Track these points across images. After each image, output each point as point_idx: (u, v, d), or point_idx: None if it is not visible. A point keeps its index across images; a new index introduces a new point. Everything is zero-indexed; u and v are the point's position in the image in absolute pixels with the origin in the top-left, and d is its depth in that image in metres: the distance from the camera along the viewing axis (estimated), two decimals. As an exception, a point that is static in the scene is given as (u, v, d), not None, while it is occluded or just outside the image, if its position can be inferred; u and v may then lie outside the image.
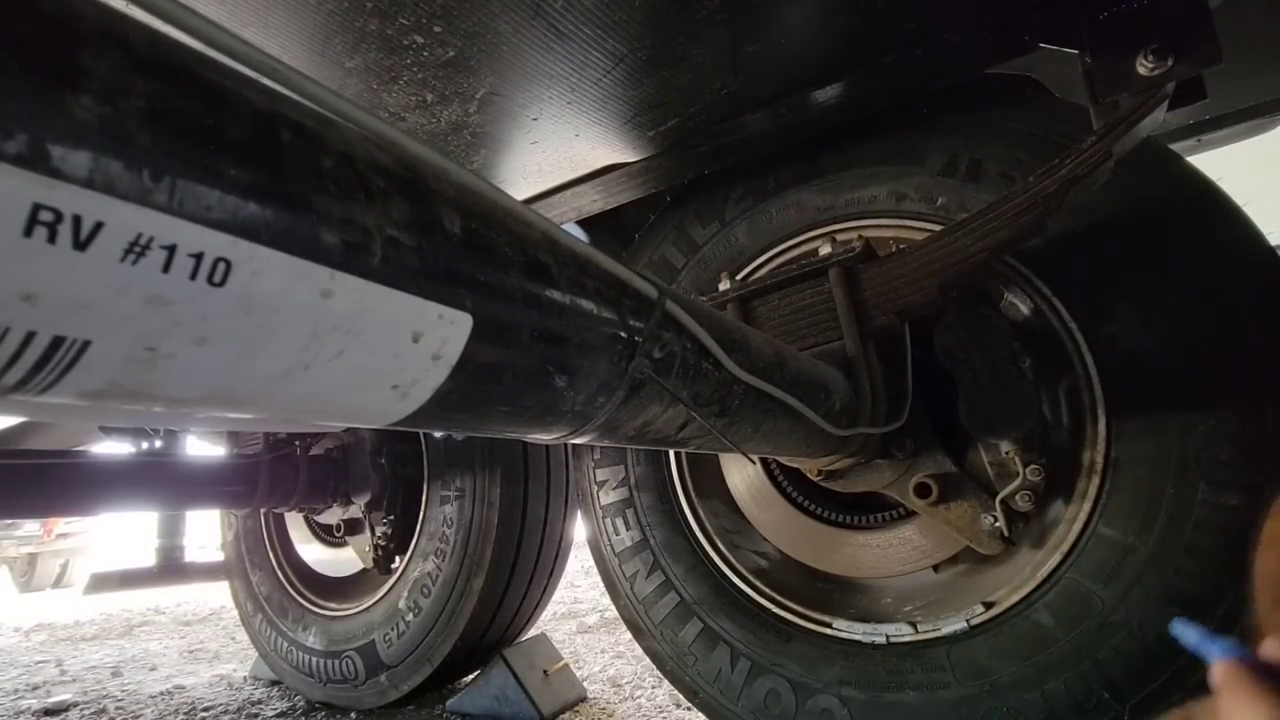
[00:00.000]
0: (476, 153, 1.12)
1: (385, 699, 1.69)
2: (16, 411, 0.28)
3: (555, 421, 0.45)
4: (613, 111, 1.02)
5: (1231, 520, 0.81)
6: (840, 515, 1.15)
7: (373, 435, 1.83)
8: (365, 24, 0.80)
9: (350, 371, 0.31)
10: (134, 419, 0.30)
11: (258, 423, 0.35)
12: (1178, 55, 0.74)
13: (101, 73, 0.21)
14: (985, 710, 0.91)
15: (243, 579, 2.10)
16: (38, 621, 4.12)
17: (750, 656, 1.12)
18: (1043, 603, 0.90)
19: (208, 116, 0.23)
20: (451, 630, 1.61)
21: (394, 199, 0.30)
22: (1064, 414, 0.94)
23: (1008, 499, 0.92)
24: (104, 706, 1.96)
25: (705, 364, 0.55)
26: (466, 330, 0.34)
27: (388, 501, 1.79)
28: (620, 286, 0.46)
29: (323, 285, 0.27)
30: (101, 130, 0.20)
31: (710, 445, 0.66)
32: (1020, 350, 0.92)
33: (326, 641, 1.82)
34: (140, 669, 2.49)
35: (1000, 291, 0.99)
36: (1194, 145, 1.51)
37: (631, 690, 1.70)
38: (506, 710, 1.55)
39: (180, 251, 0.23)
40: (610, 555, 1.31)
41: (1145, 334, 0.87)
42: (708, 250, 1.26)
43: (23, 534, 6.90)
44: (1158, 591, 0.83)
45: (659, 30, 0.84)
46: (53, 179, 0.19)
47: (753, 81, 0.99)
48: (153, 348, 0.24)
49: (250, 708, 1.83)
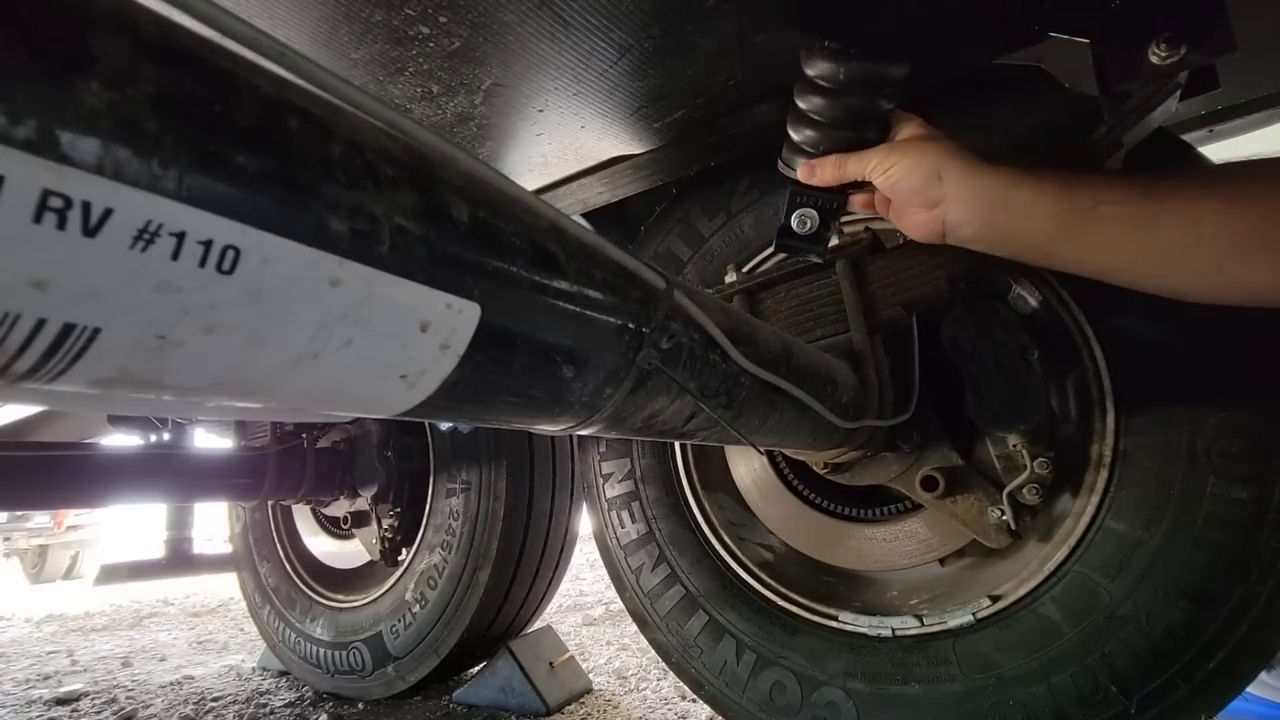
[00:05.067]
0: (482, 145, 1.11)
1: (392, 690, 1.70)
2: (27, 399, 0.28)
3: (562, 412, 0.45)
4: (619, 103, 1.02)
5: (1241, 513, 0.80)
6: (846, 508, 1.14)
7: (379, 428, 1.84)
8: (371, 14, 0.79)
9: (358, 361, 0.31)
10: (143, 407, 0.31)
11: (266, 412, 0.35)
12: (1191, 44, 0.73)
13: (110, 59, 0.21)
14: (991, 703, 0.91)
15: (251, 571, 2.11)
16: (49, 612, 4.16)
17: (756, 649, 1.12)
18: (1049, 596, 0.90)
19: (216, 103, 0.23)
20: (458, 622, 1.61)
21: (402, 187, 0.30)
22: (1072, 407, 0.93)
23: (1015, 492, 0.92)
24: (114, 696, 1.98)
25: (712, 355, 0.55)
26: (474, 320, 0.34)
27: (394, 494, 1.80)
28: (628, 277, 0.46)
29: (331, 273, 0.27)
30: (111, 116, 0.20)
31: (717, 437, 0.66)
32: (1028, 343, 0.91)
33: (334, 633, 1.83)
34: (150, 659, 2.51)
35: (1008, 284, 0.98)
36: (1206, 136, 1.49)
37: (637, 682, 1.70)
38: (512, 701, 1.56)
39: (189, 239, 0.23)
40: (616, 548, 1.31)
41: (1154, 326, 0.87)
42: (714, 242, 1.26)
43: (33, 526, 6.97)
44: (1166, 585, 0.83)
45: (666, 20, 0.84)
46: (62, 165, 0.19)
47: (760, 72, 0.98)
48: (162, 335, 0.24)
49: (259, 698, 1.85)
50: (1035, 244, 0.70)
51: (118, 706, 1.87)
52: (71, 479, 1.42)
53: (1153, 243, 0.64)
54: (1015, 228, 0.70)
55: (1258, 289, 0.61)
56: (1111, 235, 0.65)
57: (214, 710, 1.76)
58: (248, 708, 1.76)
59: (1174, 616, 0.82)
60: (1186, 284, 0.65)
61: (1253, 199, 0.59)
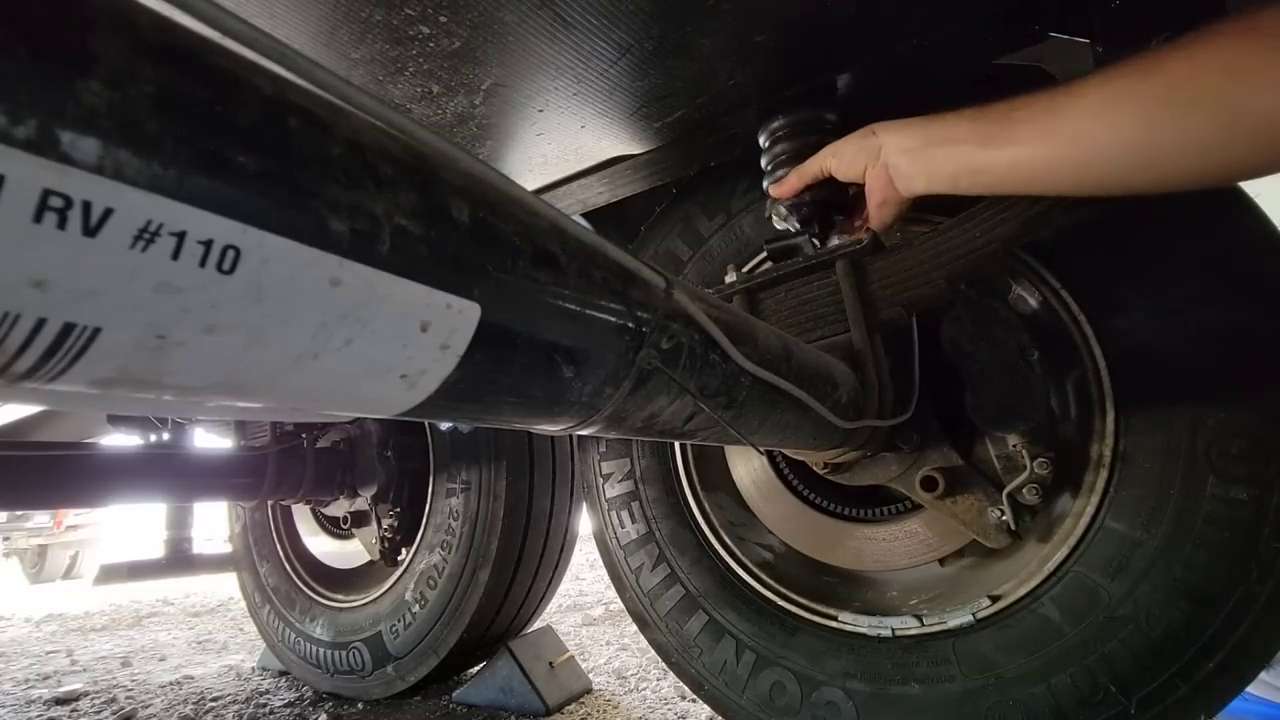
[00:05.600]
0: (482, 145, 1.11)
1: (392, 690, 1.70)
2: (27, 399, 0.28)
3: (562, 412, 0.45)
4: (619, 103, 1.02)
5: (1241, 514, 0.80)
6: (846, 508, 1.14)
7: (379, 428, 1.84)
8: (371, 14, 0.79)
9: (359, 361, 0.31)
10: (143, 407, 0.31)
11: (266, 412, 0.35)
12: (1191, 44, 0.72)
13: (111, 58, 0.21)
14: (991, 704, 0.91)
15: (250, 570, 2.11)
16: (48, 612, 4.16)
17: (755, 649, 1.12)
18: (1049, 596, 0.90)
19: (217, 103, 0.23)
20: (457, 622, 1.61)
21: (402, 187, 0.30)
22: (1072, 407, 0.93)
23: (1015, 492, 0.92)
24: (114, 696, 1.98)
25: (713, 355, 0.55)
26: (475, 320, 0.34)
27: (394, 494, 1.80)
28: (628, 277, 0.46)
29: (331, 273, 0.27)
30: (111, 116, 0.20)
31: (717, 437, 0.66)
32: (1028, 343, 0.92)
33: (334, 633, 1.83)
34: (150, 659, 2.51)
35: (1008, 284, 0.98)
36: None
37: (637, 682, 1.70)
38: (512, 701, 1.56)
39: (189, 238, 0.23)
40: (615, 548, 1.31)
41: (1155, 327, 0.87)
42: (714, 242, 1.26)
43: (33, 526, 6.97)
44: (1166, 585, 0.83)
45: (666, 19, 0.84)
46: (62, 164, 0.19)
47: (760, 72, 0.98)
48: (162, 335, 0.24)
49: (258, 698, 1.85)
50: (966, 164, 0.74)
51: (117, 706, 1.87)
52: (71, 479, 1.41)
53: (1066, 129, 0.64)
54: (945, 156, 0.76)
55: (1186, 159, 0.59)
56: (1026, 134, 0.68)
57: (213, 710, 1.76)
58: (247, 707, 1.76)
59: (1174, 616, 0.82)
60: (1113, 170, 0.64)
61: (1162, 66, 0.59)
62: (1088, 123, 0.63)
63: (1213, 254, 0.84)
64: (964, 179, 0.75)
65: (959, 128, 0.74)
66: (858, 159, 0.86)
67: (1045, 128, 0.66)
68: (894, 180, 0.83)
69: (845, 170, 0.88)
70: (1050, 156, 0.67)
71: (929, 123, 0.79)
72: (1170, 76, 0.58)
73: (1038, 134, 0.67)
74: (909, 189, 0.82)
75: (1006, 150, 0.70)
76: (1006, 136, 0.69)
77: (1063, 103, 0.65)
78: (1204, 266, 0.85)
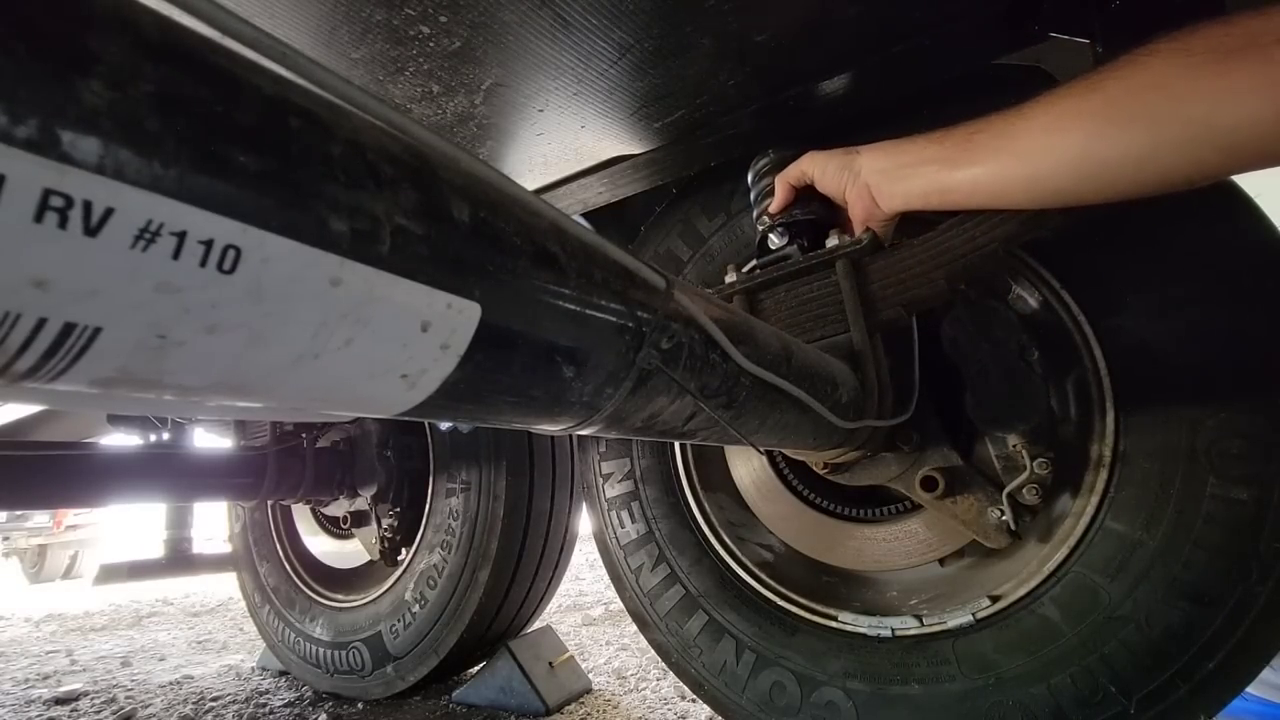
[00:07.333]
0: (482, 145, 1.11)
1: (392, 690, 1.70)
2: (27, 399, 0.28)
3: (563, 412, 0.45)
4: (619, 103, 1.02)
5: (1241, 514, 0.80)
6: (846, 508, 1.14)
7: (379, 428, 1.84)
8: (371, 14, 0.79)
9: (359, 360, 0.31)
10: (143, 407, 0.31)
11: (266, 412, 0.35)
12: (1191, 44, 0.72)
13: (111, 58, 0.21)
14: (991, 704, 0.91)
15: (250, 570, 2.11)
16: (48, 612, 4.16)
17: (755, 649, 1.12)
18: (1049, 596, 0.90)
19: (217, 102, 0.23)
20: (457, 622, 1.61)
21: (403, 187, 0.30)
22: (1072, 407, 0.94)
23: (1014, 492, 0.92)
24: (114, 696, 1.98)
25: (713, 355, 0.55)
26: (475, 320, 0.34)
27: (394, 494, 1.80)
28: (628, 276, 0.46)
29: (332, 273, 0.27)
30: (112, 116, 0.20)
31: (717, 437, 0.66)
32: (1028, 343, 0.91)
33: (333, 633, 1.83)
34: (149, 659, 2.51)
35: (1008, 284, 0.98)
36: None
37: (636, 682, 1.70)
38: (512, 701, 1.56)
39: (190, 238, 0.23)
40: (615, 548, 1.31)
41: (1155, 326, 0.87)
42: (714, 242, 1.26)
43: (32, 526, 6.97)
44: (1165, 585, 0.83)
45: (666, 19, 0.84)
46: (63, 164, 0.19)
47: (760, 72, 0.98)
48: (163, 335, 0.24)
49: (258, 697, 1.85)
50: (935, 184, 0.79)
51: (117, 706, 1.87)
52: (71, 478, 1.41)
53: (1017, 148, 0.70)
54: (915, 176, 0.81)
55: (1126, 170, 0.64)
56: (983, 155, 0.73)
57: (213, 710, 1.76)
58: (247, 707, 1.76)
59: (1174, 617, 0.82)
60: (1061, 184, 0.69)
61: (1101, 86, 0.63)
62: (1036, 141, 0.68)
63: (1212, 254, 0.84)
64: (934, 197, 0.81)
65: (927, 150, 0.80)
66: (840, 176, 0.90)
67: (998, 148, 0.72)
68: (876, 198, 0.88)
69: (826, 184, 0.93)
70: (1004, 175, 0.73)
71: (901, 145, 0.84)
72: (1107, 95, 0.63)
73: (992, 154, 0.73)
74: (890, 206, 0.87)
75: (968, 171, 0.75)
76: (967, 158, 0.75)
77: (1014, 124, 0.71)
78: (1204, 266, 0.85)
